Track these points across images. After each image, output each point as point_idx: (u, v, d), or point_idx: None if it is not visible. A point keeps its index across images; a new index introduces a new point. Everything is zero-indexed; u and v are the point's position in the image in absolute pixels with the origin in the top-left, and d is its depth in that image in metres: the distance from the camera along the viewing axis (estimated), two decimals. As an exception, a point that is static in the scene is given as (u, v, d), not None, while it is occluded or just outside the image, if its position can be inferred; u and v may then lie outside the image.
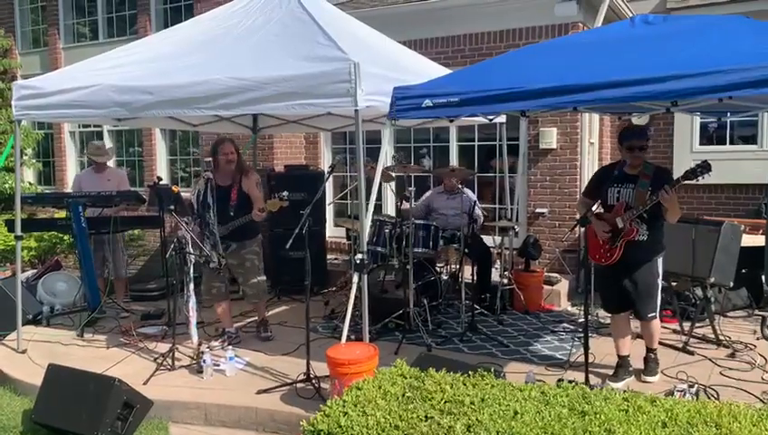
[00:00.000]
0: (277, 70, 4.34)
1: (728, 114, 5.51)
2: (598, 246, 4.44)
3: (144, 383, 4.55)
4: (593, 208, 4.58)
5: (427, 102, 3.95)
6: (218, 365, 4.84)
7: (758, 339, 5.34)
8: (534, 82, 3.73)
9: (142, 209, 7.24)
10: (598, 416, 2.52)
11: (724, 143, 7.73)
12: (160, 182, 5.93)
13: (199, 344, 5.02)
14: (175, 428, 4.31)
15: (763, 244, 5.89)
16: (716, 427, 2.39)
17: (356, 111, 4.08)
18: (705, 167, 3.89)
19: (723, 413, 2.50)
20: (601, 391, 2.80)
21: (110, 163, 7.18)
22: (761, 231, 6.15)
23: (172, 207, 4.91)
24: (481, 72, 4.32)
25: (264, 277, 5.53)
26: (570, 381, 3.09)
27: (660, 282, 4.41)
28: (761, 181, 7.06)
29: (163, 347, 5.17)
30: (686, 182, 4.06)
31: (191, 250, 4.82)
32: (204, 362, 4.76)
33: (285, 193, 4.80)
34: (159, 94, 4.72)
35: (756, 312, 6.03)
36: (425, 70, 5.26)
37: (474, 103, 3.87)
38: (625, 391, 2.81)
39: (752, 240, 5.86)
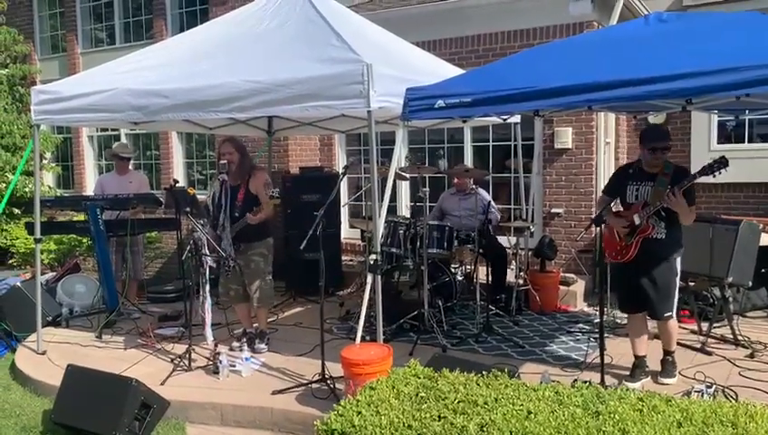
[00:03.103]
0: (291, 72, 4.37)
1: (746, 112, 5.46)
2: (614, 244, 4.42)
3: (161, 384, 4.60)
4: (612, 207, 4.55)
5: (440, 103, 3.95)
6: (234, 366, 4.87)
7: (778, 339, 5.27)
8: (548, 82, 3.71)
9: (159, 212, 7.32)
10: (612, 416, 2.51)
11: (743, 141, 7.63)
12: (176, 185, 5.99)
13: (216, 345, 5.06)
14: (191, 428, 4.34)
15: (783, 242, 5.83)
16: (733, 426, 2.37)
17: (369, 112, 4.10)
18: (722, 162, 3.85)
19: (739, 413, 2.48)
20: (616, 391, 2.78)
21: (129, 166, 7.28)
22: (780, 230, 6.06)
23: (188, 209, 4.95)
24: (494, 72, 4.32)
25: (270, 283, 5.38)
26: (585, 382, 3.07)
27: (678, 281, 4.37)
28: (781, 179, 6.97)
29: (180, 348, 5.22)
30: (702, 179, 4.03)
31: (207, 252, 4.86)
32: (220, 362, 4.79)
33: (275, 191, 4.78)
34: (175, 98, 4.77)
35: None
36: (438, 70, 5.26)
37: (486, 103, 3.86)
38: (640, 391, 2.79)
39: (771, 239, 5.78)
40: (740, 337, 5.16)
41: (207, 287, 4.91)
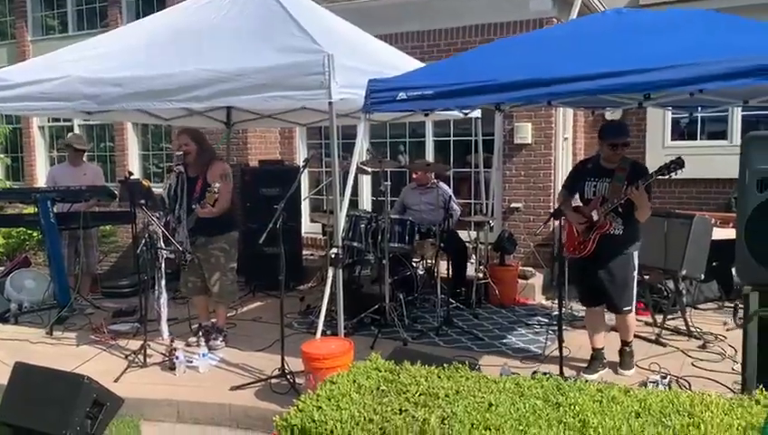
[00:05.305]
0: (250, 62, 4.29)
1: (699, 109, 5.60)
2: (573, 239, 4.47)
3: (115, 381, 4.47)
4: (571, 202, 4.60)
5: (402, 95, 3.93)
6: (191, 362, 4.77)
7: (728, 330, 5.42)
8: (508, 76, 3.72)
9: (114, 205, 7.12)
10: (572, 407, 2.52)
11: (696, 139, 7.83)
12: (131, 177, 5.82)
13: (172, 341, 4.94)
14: (147, 425, 4.24)
15: (733, 237, 5.98)
16: (689, 416, 2.40)
17: (330, 103, 4.05)
18: (678, 163, 3.92)
19: (695, 403, 2.52)
20: (576, 383, 2.80)
21: (84, 158, 7.06)
22: (731, 224, 6.22)
23: (143, 201, 4.81)
24: (455, 66, 4.31)
25: (232, 278, 5.23)
26: (544, 374, 3.09)
27: (636, 275, 4.45)
28: (730, 176, 7.14)
29: (135, 344, 5.08)
30: (659, 178, 4.10)
31: (162, 245, 4.74)
32: (176, 358, 4.69)
33: (216, 185, 4.63)
34: (129, 86, 4.64)
35: (726, 304, 6.12)
36: (400, 64, 5.24)
37: (448, 96, 3.85)
38: (599, 383, 2.82)
39: (722, 233, 5.92)
40: (693, 329, 5.29)
41: (163, 282, 4.79)
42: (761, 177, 3.14)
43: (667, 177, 3.99)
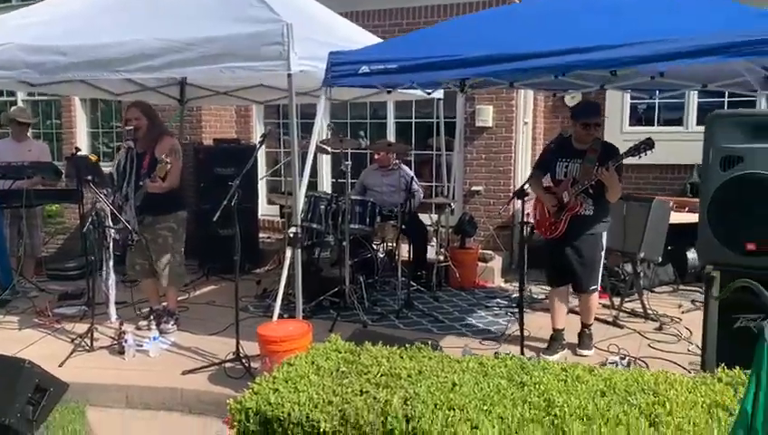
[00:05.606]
0: (206, 31, 4.10)
1: (657, 93, 5.64)
2: (545, 220, 4.46)
3: (60, 366, 4.27)
4: (542, 182, 4.58)
5: (364, 69, 3.80)
6: (141, 346, 4.58)
7: (683, 313, 5.50)
8: (474, 51, 3.64)
9: (61, 184, 6.79)
10: (537, 386, 2.46)
11: (653, 125, 7.91)
12: (78, 153, 5.55)
13: (121, 324, 4.73)
14: (93, 411, 4.05)
15: (688, 221, 6.07)
16: (654, 394, 2.37)
17: (289, 76, 3.89)
18: (648, 144, 3.93)
19: (659, 381, 2.50)
20: (539, 362, 2.75)
21: (29, 134, 6.70)
22: (686, 209, 6.33)
23: (89, 177, 4.57)
24: (420, 40, 4.20)
25: (181, 260, 5.03)
26: (507, 354, 3.03)
27: (603, 256, 4.46)
28: (686, 162, 7.27)
29: (82, 328, 4.85)
30: (630, 159, 4.09)
31: (110, 224, 4.51)
32: (125, 342, 4.49)
33: (164, 155, 4.41)
34: (75, 55, 4.38)
35: (681, 287, 6.22)
36: (362, 40, 5.07)
37: (413, 70, 3.75)
38: (563, 362, 2.77)
39: (678, 218, 6.00)
40: (649, 311, 5.34)
41: (111, 263, 4.58)
42: (724, 155, 3.13)
43: (637, 157, 3.99)
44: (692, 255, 6.34)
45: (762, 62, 3.91)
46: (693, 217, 6.18)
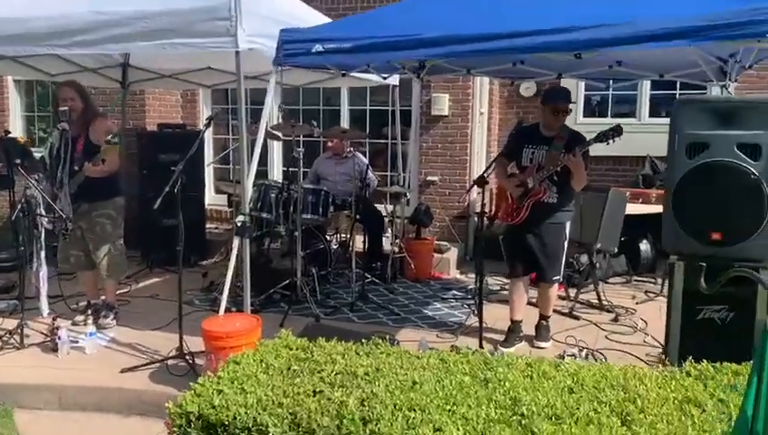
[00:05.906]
0: (148, 4, 3.81)
1: (611, 82, 5.63)
2: (507, 206, 4.37)
3: (-16, 365, 3.93)
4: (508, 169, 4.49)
5: (318, 47, 3.59)
6: (77, 342, 4.28)
7: (637, 304, 5.49)
8: (431, 31, 3.48)
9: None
10: (502, 383, 2.32)
11: (606, 117, 7.93)
12: (8, 135, 5.16)
13: (54, 319, 4.40)
14: (22, 414, 3.74)
15: (641, 212, 6.10)
16: (623, 390, 2.26)
17: (237, 53, 3.64)
18: (617, 131, 3.89)
19: (628, 376, 2.39)
20: (503, 358, 2.61)
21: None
22: (640, 200, 6.35)
23: (18, 160, 4.21)
24: (376, 19, 4.02)
25: (121, 249, 4.76)
26: (466, 348, 2.90)
27: (566, 245, 4.38)
28: (639, 153, 7.30)
29: (11, 324, 4.50)
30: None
31: (42, 212, 4.17)
32: (59, 338, 4.18)
33: (111, 136, 4.09)
34: (2, 28, 4.01)
35: (635, 278, 6.23)
36: (314, 20, 4.83)
37: (367, 50, 3.57)
38: (528, 357, 2.64)
39: (631, 209, 6.00)
40: (605, 302, 5.31)
41: (43, 254, 4.24)
42: (690, 141, 3.05)
43: (605, 143, 3.91)
44: (644, 246, 6.37)
45: (717, 51, 3.89)
46: (646, 208, 6.28)
